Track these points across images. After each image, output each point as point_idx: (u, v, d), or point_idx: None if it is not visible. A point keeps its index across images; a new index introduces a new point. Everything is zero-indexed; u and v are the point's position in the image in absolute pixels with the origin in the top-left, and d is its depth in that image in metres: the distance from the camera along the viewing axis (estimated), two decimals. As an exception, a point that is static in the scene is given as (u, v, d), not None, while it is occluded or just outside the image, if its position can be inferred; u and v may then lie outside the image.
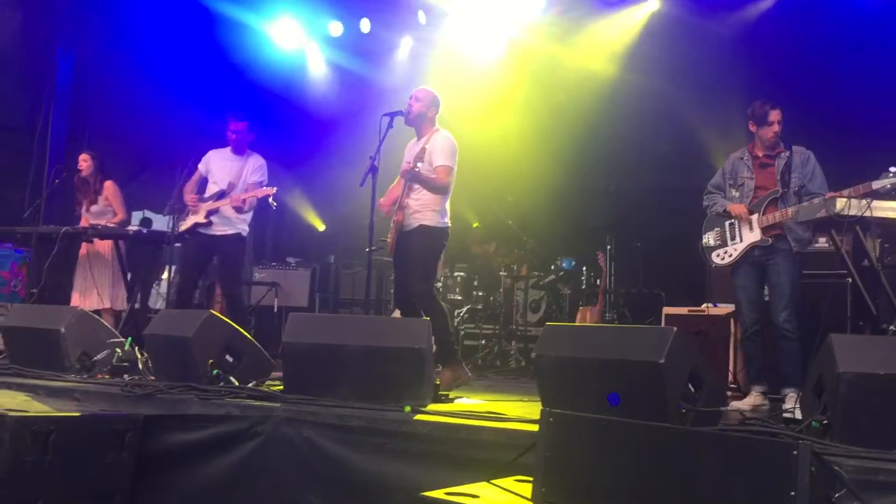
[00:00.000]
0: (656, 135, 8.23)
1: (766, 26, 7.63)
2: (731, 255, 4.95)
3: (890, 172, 4.26)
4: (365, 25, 9.62)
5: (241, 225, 6.42)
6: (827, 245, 5.42)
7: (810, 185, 4.80)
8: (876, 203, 4.10)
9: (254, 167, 6.48)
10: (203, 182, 6.53)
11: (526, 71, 9.07)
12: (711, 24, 7.76)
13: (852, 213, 4.06)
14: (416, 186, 5.15)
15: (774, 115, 4.89)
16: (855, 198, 4.17)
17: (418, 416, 3.53)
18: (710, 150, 7.73)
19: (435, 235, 5.16)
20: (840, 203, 4.10)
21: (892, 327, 4.28)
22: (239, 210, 6.29)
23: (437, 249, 5.22)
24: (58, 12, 8.97)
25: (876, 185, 4.28)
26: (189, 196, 6.39)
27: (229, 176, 6.42)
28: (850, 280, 5.23)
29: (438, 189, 5.12)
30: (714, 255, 5.07)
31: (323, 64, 10.27)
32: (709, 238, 5.14)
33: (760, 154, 5.01)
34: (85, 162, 7.17)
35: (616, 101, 8.45)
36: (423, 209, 5.15)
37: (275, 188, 6.29)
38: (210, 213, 6.31)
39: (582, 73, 8.70)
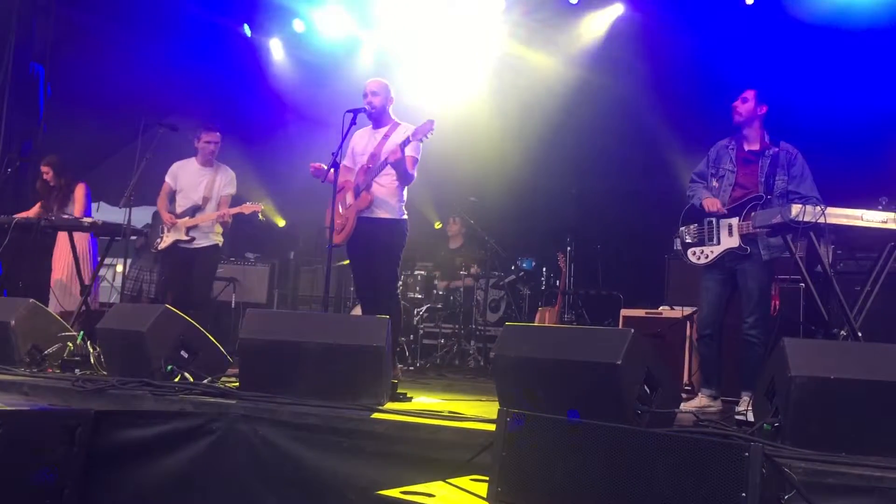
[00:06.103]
0: (619, 138, 8.30)
1: (730, 32, 7.71)
2: (707, 257, 4.81)
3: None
4: (331, 22, 9.57)
5: (217, 237, 6.47)
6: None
7: (801, 188, 4.67)
8: (830, 210, 4.15)
9: (226, 180, 6.50)
10: (173, 195, 6.53)
11: (491, 72, 9.09)
12: (675, 30, 7.83)
13: (807, 219, 4.11)
14: (385, 172, 5.14)
15: (738, 102, 4.83)
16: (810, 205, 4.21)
17: (375, 415, 3.52)
18: (671, 155, 7.82)
19: (403, 228, 5.23)
20: (795, 209, 4.15)
21: (843, 332, 4.35)
22: (225, 225, 6.39)
23: (404, 242, 5.26)
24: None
25: None
26: (166, 215, 6.42)
27: (203, 190, 6.44)
28: (804, 285, 5.31)
29: (409, 178, 5.15)
30: (690, 252, 4.90)
31: (284, 58, 10.18)
32: (685, 233, 4.95)
33: (746, 148, 4.87)
34: (47, 173, 7.11)
35: (580, 103, 8.51)
36: (389, 197, 5.18)
37: (262, 206, 6.42)
38: (189, 229, 6.36)
39: (547, 75, 8.75)
